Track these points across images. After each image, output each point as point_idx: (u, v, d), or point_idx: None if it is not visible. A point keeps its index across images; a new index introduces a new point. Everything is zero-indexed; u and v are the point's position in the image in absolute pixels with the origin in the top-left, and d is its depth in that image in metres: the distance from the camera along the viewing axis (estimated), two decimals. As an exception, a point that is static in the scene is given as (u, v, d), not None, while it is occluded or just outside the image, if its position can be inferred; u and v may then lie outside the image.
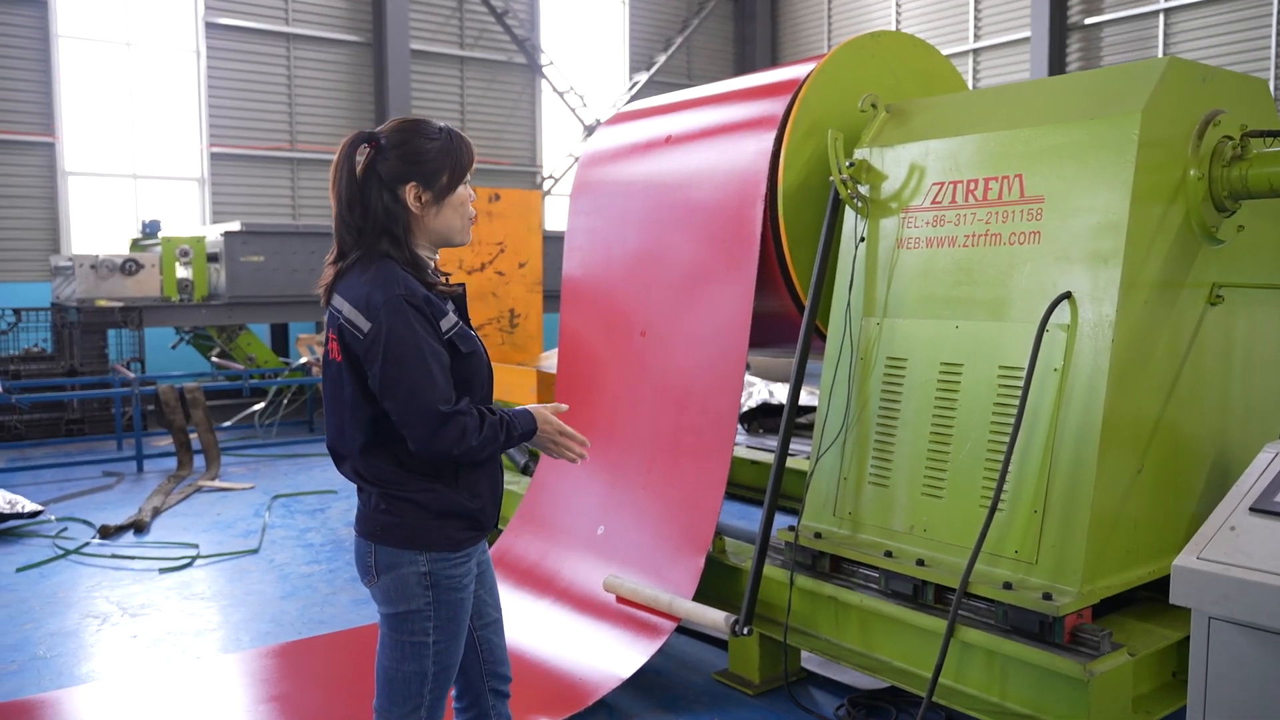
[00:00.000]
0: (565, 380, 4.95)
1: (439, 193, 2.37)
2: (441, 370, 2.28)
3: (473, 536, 2.43)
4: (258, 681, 4.16)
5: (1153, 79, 3.16)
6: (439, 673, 2.41)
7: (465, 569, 2.42)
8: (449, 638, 2.41)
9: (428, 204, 2.37)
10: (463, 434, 2.26)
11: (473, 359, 2.40)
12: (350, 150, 2.36)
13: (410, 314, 2.25)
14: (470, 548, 2.43)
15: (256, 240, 10.45)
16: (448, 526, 2.37)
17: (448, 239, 2.43)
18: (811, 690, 3.95)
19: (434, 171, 2.36)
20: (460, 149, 2.41)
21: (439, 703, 2.46)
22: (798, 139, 4.08)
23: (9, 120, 12.71)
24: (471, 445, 2.28)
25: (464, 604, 2.43)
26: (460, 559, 2.40)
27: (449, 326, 2.34)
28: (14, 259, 12.88)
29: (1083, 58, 14.34)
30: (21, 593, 5.32)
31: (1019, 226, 3.35)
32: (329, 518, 6.90)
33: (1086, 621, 3.06)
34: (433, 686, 2.42)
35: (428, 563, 2.36)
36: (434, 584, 2.36)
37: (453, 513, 2.37)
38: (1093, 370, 3.08)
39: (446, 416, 2.25)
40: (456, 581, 2.40)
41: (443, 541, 2.36)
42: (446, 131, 2.41)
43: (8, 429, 9.73)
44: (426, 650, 2.38)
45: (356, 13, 15.12)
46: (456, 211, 2.41)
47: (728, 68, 18.81)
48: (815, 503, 3.84)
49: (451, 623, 2.40)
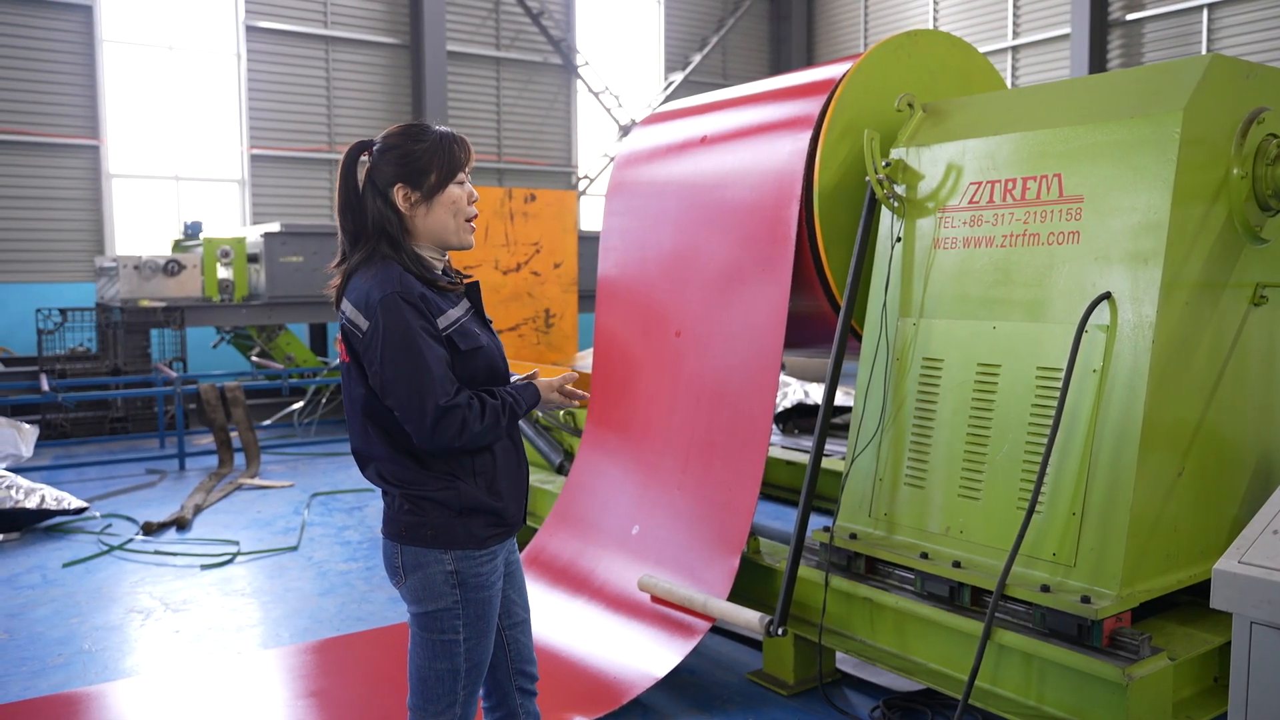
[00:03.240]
0: (600, 380, 4.97)
1: (427, 192, 2.38)
2: (438, 364, 2.30)
3: (498, 534, 2.44)
4: (297, 677, 4.22)
5: (1195, 76, 3.12)
6: (470, 669, 2.43)
7: (491, 567, 2.44)
8: (478, 635, 2.43)
9: (416, 204, 2.38)
10: (463, 425, 2.29)
11: (474, 355, 2.40)
12: (350, 158, 2.42)
13: (405, 310, 2.28)
14: (495, 545, 2.45)
15: (295, 241, 10.57)
16: (471, 524, 2.39)
17: (442, 239, 2.43)
18: (846, 692, 3.94)
19: (421, 170, 2.37)
20: (450, 149, 2.40)
21: (472, 699, 2.48)
22: (833, 139, 4.06)
23: (55, 124, 12.96)
24: (474, 432, 2.31)
25: (492, 601, 2.45)
26: (485, 556, 2.42)
27: (447, 323, 2.36)
28: (60, 260, 13.13)
29: (1124, 55, 14.15)
30: (68, 587, 5.42)
31: (1058, 226, 3.32)
32: (366, 516, 6.97)
33: (1126, 625, 3.03)
34: (465, 683, 2.44)
35: (453, 561, 2.38)
36: (461, 582, 2.39)
37: (475, 509, 2.39)
38: (1133, 372, 3.05)
39: (444, 410, 2.27)
40: (483, 579, 2.42)
41: (467, 539, 2.38)
42: (440, 133, 2.42)
43: (54, 427, 9.92)
44: (458, 648, 2.40)
45: (394, 15, 15.26)
46: (448, 210, 2.40)
47: (763, 68, 18.77)
48: (850, 503, 3.83)
49: (480, 620, 2.42)
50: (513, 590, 2.62)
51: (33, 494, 6.47)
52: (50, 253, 13.07)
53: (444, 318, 2.36)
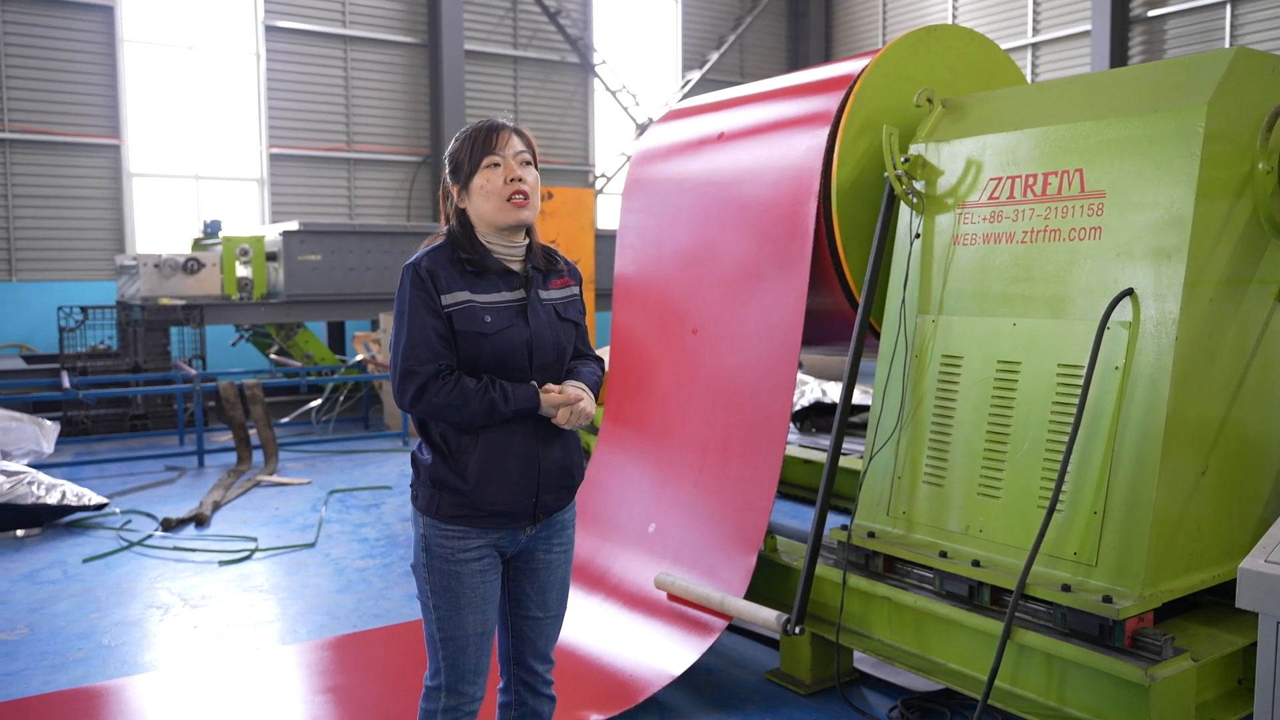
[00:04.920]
0: (617, 378, 4.96)
1: (464, 182, 2.52)
2: (420, 332, 2.40)
3: (466, 516, 2.45)
4: (314, 673, 4.23)
5: (1219, 70, 3.08)
6: (445, 640, 2.48)
7: (462, 544, 2.46)
8: (448, 606, 2.47)
9: (460, 195, 2.54)
10: (420, 391, 2.39)
11: (475, 340, 2.43)
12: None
13: (410, 282, 2.44)
14: (465, 526, 2.46)
15: (314, 239, 10.61)
16: (439, 498, 2.46)
17: (490, 221, 2.52)
18: (864, 691, 3.92)
19: (456, 166, 2.53)
20: (476, 136, 2.51)
21: (457, 674, 2.48)
22: (852, 135, 4.04)
23: (77, 123, 13.05)
24: (434, 404, 2.39)
25: (461, 578, 2.46)
26: (454, 533, 2.46)
27: (451, 302, 2.43)
28: (81, 258, 13.22)
29: (1145, 52, 14.02)
30: (88, 583, 5.46)
31: (1079, 222, 3.29)
32: (383, 513, 6.99)
33: (1148, 625, 3.00)
34: (444, 653, 2.48)
35: (424, 526, 2.50)
36: (428, 548, 2.49)
37: (444, 485, 2.46)
38: (1156, 369, 3.02)
39: (406, 372, 2.39)
40: (449, 553, 2.46)
41: (434, 510, 2.47)
42: (474, 125, 2.55)
43: (75, 424, 10.00)
44: (430, 613, 2.50)
45: (412, 14, 15.29)
46: (482, 195, 2.50)
47: (781, 65, 18.71)
48: (869, 502, 3.80)
49: (448, 592, 2.46)
50: (530, 586, 2.61)
51: (54, 490, 6.52)
52: (72, 251, 13.17)
53: (450, 296, 2.43)
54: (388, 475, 8.28)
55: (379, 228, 11.41)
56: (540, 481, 2.51)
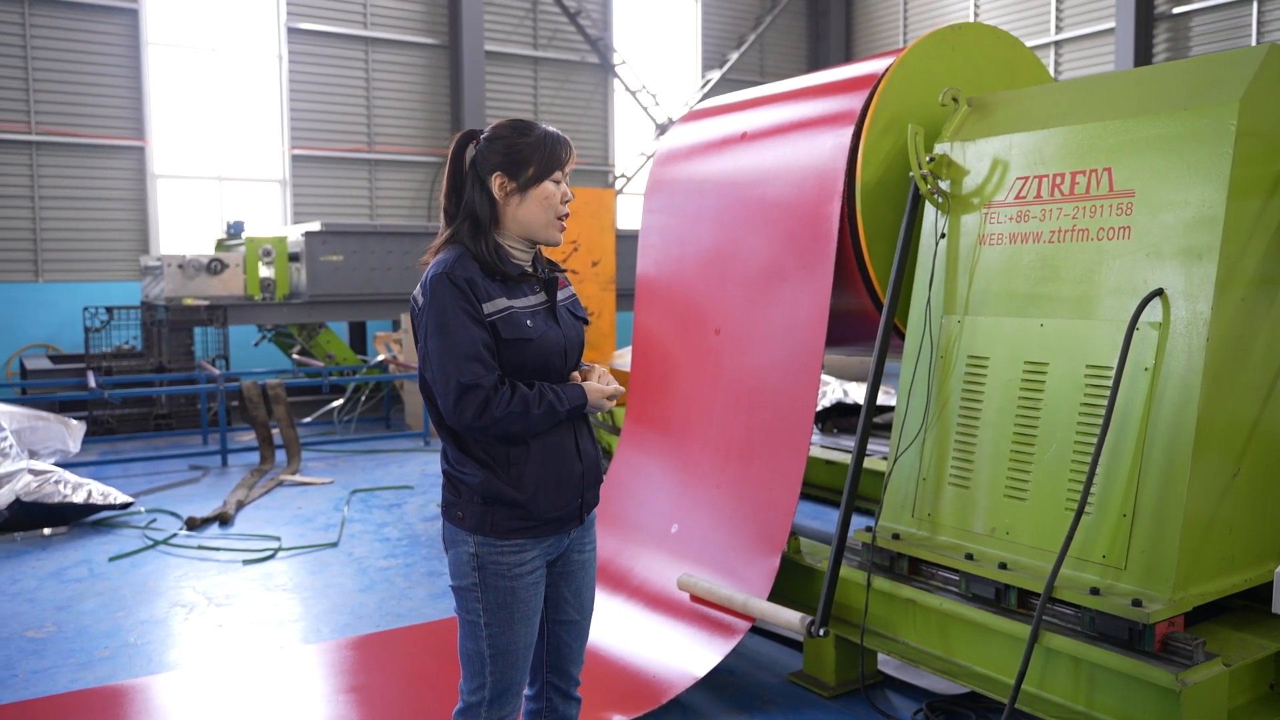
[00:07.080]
0: (639, 378, 4.95)
1: (524, 183, 2.44)
2: (470, 344, 2.33)
3: (524, 529, 2.42)
4: (338, 672, 4.24)
5: (1251, 67, 3.04)
6: (495, 656, 2.43)
7: (518, 559, 2.42)
8: (502, 623, 2.42)
9: (511, 193, 2.45)
10: (484, 405, 2.31)
11: (521, 346, 2.40)
12: (459, 145, 2.51)
13: (449, 291, 2.34)
14: (522, 539, 2.42)
15: (336, 240, 10.66)
16: (494, 514, 2.40)
17: (530, 232, 2.47)
18: (888, 694, 3.89)
19: (521, 162, 2.44)
20: (553, 145, 2.46)
21: (504, 687, 2.46)
22: (876, 134, 4.01)
23: (102, 125, 13.17)
24: (497, 416, 2.32)
25: (517, 593, 2.42)
26: (509, 548, 2.41)
27: (493, 310, 2.38)
28: (106, 259, 13.34)
29: (1170, 49, 13.89)
30: (114, 581, 5.50)
31: (1108, 221, 3.25)
32: (405, 513, 7.01)
33: (1178, 630, 2.96)
34: (493, 668, 2.44)
35: (474, 545, 2.42)
36: (480, 566, 2.41)
37: (498, 500, 2.39)
38: (1186, 370, 2.98)
39: (465, 387, 2.30)
40: (505, 569, 2.41)
41: (488, 528, 2.40)
42: (545, 130, 2.48)
43: (100, 423, 10.08)
44: (480, 630, 2.43)
45: (432, 16, 15.34)
46: (540, 205, 2.45)
47: (801, 64, 18.65)
48: (893, 503, 3.78)
49: (503, 609, 2.41)
50: (567, 589, 2.59)
51: (80, 489, 6.57)
52: (97, 252, 13.29)
53: (491, 304, 2.38)
54: (409, 475, 8.30)
55: (400, 228, 11.46)
56: (585, 479, 2.52)
